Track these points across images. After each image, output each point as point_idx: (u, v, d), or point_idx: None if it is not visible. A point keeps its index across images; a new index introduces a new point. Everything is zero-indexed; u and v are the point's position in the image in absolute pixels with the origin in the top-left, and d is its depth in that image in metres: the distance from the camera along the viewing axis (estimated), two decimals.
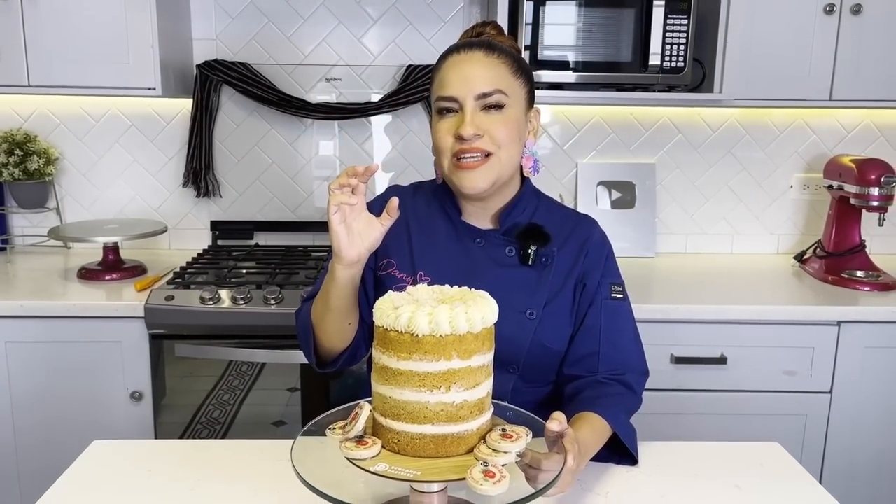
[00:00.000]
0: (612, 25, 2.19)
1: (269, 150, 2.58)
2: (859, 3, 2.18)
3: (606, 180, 2.60)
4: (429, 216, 1.35)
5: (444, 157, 1.26)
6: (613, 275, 1.35)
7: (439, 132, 1.25)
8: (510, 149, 1.25)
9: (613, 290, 1.33)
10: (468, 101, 1.22)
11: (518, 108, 1.27)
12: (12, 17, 2.13)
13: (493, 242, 1.31)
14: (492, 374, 0.94)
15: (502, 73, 1.25)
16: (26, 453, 2.04)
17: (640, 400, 1.31)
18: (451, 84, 1.24)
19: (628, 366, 1.30)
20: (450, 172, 1.26)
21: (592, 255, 1.33)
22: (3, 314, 1.99)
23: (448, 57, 1.27)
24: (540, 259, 1.29)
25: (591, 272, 1.32)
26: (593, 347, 1.29)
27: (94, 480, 1.14)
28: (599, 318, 1.30)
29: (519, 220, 1.32)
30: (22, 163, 2.39)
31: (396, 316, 0.87)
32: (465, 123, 1.21)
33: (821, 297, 2.16)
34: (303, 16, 2.50)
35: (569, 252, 1.32)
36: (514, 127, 1.25)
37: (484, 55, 1.25)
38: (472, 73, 1.23)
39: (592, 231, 1.36)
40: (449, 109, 1.25)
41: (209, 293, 2.00)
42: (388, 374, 0.88)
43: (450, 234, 1.33)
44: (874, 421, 2.10)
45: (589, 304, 1.30)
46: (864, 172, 2.23)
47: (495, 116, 1.23)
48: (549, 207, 1.38)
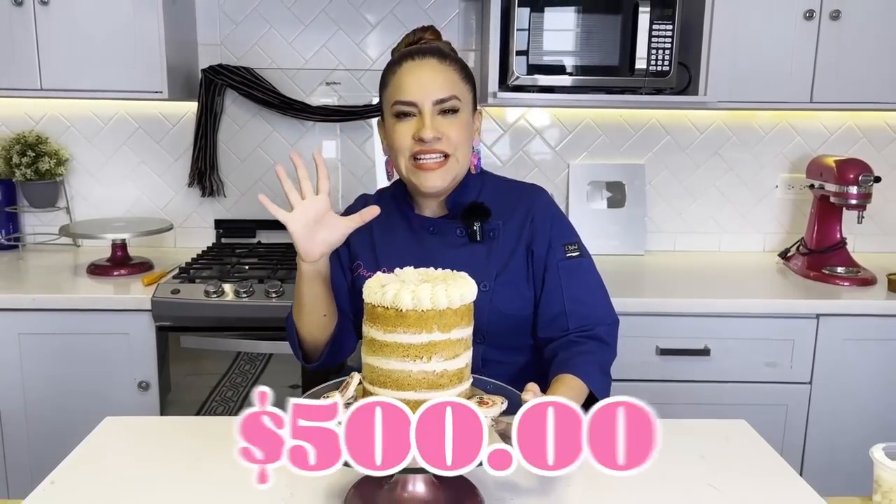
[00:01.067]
0: (601, 31, 2.28)
1: (272, 151, 2.67)
2: (838, 10, 2.27)
3: (597, 180, 2.69)
4: (388, 217, 1.41)
5: (401, 157, 1.34)
6: (565, 235, 1.42)
7: (397, 133, 1.33)
8: (464, 149, 1.35)
9: (567, 249, 1.40)
10: (426, 105, 1.31)
11: (467, 111, 1.37)
12: (26, 23, 2.23)
13: (443, 228, 1.41)
14: (471, 347, 1.02)
15: (454, 80, 1.34)
16: (38, 440, 2.13)
17: (614, 349, 1.38)
18: (409, 89, 1.31)
19: (596, 318, 1.37)
20: (408, 172, 1.35)
21: (538, 222, 1.40)
22: (16, 307, 2.08)
23: (403, 63, 1.35)
24: (487, 234, 1.38)
25: (537, 237, 1.39)
26: (558, 308, 1.36)
27: (106, 452, 1.23)
28: (558, 278, 1.37)
29: (464, 202, 1.40)
30: (34, 163, 2.48)
31: (383, 293, 0.96)
32: (426, 127, 1.30)
33: (802, 291, 2.24)
34: (304, 22, 2.60)
35: (515, 223, 1.40)
36: (467, 129, 1.35)
37: (437, 62, 1.34)
38: (428, 79, 1.32)
39: (536, 199, 1.43)
40: (407, 113, 1.33)
41: (213, 287, 2.09)
42: (376, 345, 0.97)
43: (406, 229, 1.44)
44: (852, 410, 2.17)
45: (544, 268, 1.38)
46: (843, 172, 2.31)
47: (451, 120, 1.33)
48: (495, 185, 1.46)
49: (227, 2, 2.57)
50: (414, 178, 1.35)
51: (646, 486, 1.13)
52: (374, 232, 1.43)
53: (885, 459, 1.16)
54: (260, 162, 2.67)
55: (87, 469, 1.17)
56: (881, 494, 1.17)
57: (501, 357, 1.38)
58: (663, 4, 2.23)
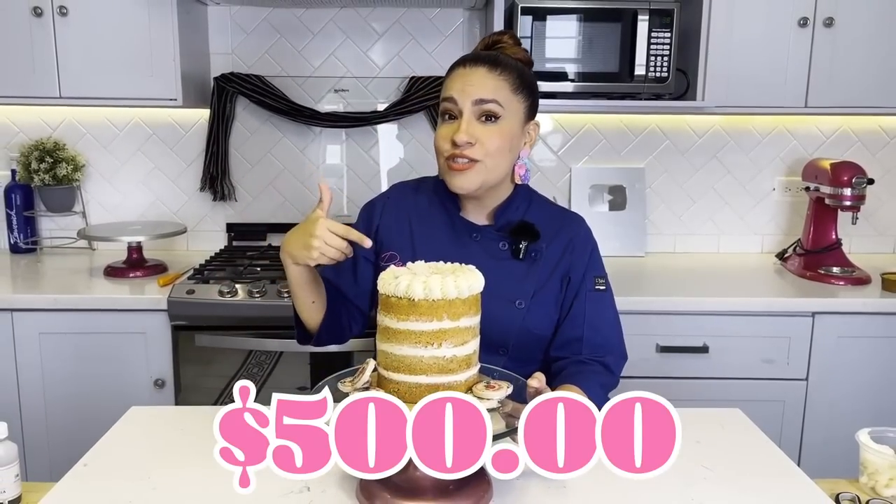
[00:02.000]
0: (601, 38, 2.35)
1: (281, 156, 2.75)
2: (831, 17, 2.34)
3: (599, 184, 2.76)
4: (429, 211, 1.48)
5: (440, 157, 1.39)
6: (597, 268, 1.48)
7: (439, 135, 1.38)
8: (498, 158, 1.36)
9: (597, 282, 1.47)
10: (466, 105, 1.33)
11: (514, 121, 1.37)
12: (45, 33, 2.31)
13: (487, 237, 1.44)
14: (478, 334, 1.09)
15: (502, 88, 1.35)
16: (57, 436, 2.20)
17: (617, 379, 1.45)
18: (453, 92, 1.35)
19: (608, 349, 1.44)
20: (443, 172, 1.40)
21: (578, 252, 1.46)
22: (37, 307, 2.15)
23: (455, 69, 1.39)
24: (530, 254, 1.42)
25: (575, 267, 1.45)
26: (577, 333, 1.43)
27: (133, 438, 1.30)
28: (584, 307, 1.44)
29: (512, 218, 1.45)
30: (52, 169, 2.56)
31: (396, 284, 1.03)
32: (461, 131, 1.33)
33: (798, 291, 2.30)
34: (312, 31, 2.68)
35: (556, 248, 1.45)
36: (506, 138, 1.36)
37: (487, 71, 1.35)
38: (471, 84, 1.34)
39: (579, 229, 1.49)
40: (450, 115, 1.37)
41: (227, 287, 2.16)
42: (389, 333, 1.04)
43: (448, 228, 1.46)
44: (848, 405, 2.23)
45: (574, 295, 1.45)
46: (837, 174, 2.38)
47: (490, 127, 1.34)
48: (540, 206, 1.50)
49: (239, 12, 2.65)
50: (446, 178, 1.39)
51: None
52: (412, 223, 1.47)
53: (870, 442, 1.23)
54: (270, 167, 2.75)
55: (117, 453, 1.24)
56: (867, 476, 1.24)
57: (516, 367, 1.44)
58: (662, 13, 2.31)
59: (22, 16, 2.29)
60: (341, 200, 2.77)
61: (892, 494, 1.19)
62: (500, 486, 1.12)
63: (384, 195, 1.55)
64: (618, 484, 1.14)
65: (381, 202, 1.53)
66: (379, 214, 1.51)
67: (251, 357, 2.21)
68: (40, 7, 2.28)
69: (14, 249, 2.68)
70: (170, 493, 1.11)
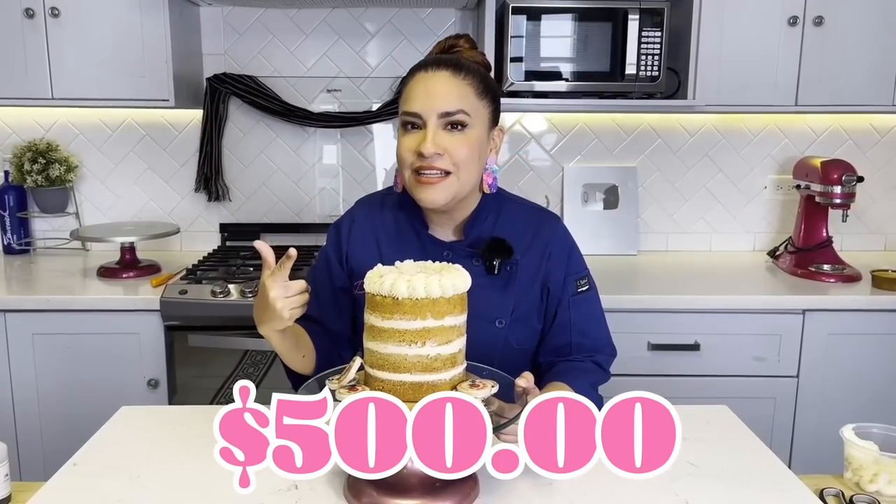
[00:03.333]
0: (593, 38, 2.36)
1: (275, 156, 2.75)
2: (821, 16, 2.35)
3: (591, 183, 2.77)
4: (396, 231, 1.41)
5: (405, 170, 1.30)
6: (577, 270, 1.42)
7: (402, 146, 1.29)
8: (468, 167, 1.29)
9: (578, 284, 1.42)
10: (431, 118, 1.26)
11: (480, 128, 1.30)
12: (37, 35, 2.32)
13: (459, 254, 1.36)
14: (464, 334, 1.10)
15: (467, 94, 1.28)
16: (50, 436, 2.21)
17: (608, 375, 1.44)
18: (417, 100, 1.27)
19: (598, 349, 1.43)
20: (410, 185, 1.31)
21: (555, 257, 1.40)
22: (30, 308, 2.16)
23: (416, 73, 1.31)
24: (505, 268, 1.35)
25: (553, 274, 1.39)
26: (565, 339, 1.41)
27: (123, 437, 1.31)
28: (569, 314, 1.40)
29: (482, 230, 1.38)
30: (44, 170, 2.57)
31: (381, 282, 1.04)
32: (427, 142, 1.25)
33: (789, 288, 2.32)
34: (305, 31, 2.68)
35: (533, 256, 1.39)
36: (474, 147, 1.29)
37: (451, 75, 1.28)
38: (436, 91, 1.26)
39: (554, 232, 1.42)
40: (413, 125, 1.28)
41: (220, 287, 2.17)
42: (375, 331, 1.05)
43: (417, 249, 1.38)
44: (838, 401, 2.25)
45: (557, 303, 1.39)
46: (827, 172, 2.39)
47: (457, 136, 1.27)
48: (511, 211, 1.42)
49: (231, 13, 2.66)
50: (415, 192, 1.30)
51: None
52: (380, 244, 1.41)
53: (854, 438, 1.24)
54: (263, 167, 2.76)
55: (107, 452, 1.25)
56: (852, 471, 1.24)
57: None
58: (652, 12, 2.32)
59: (14, 17, 2.30)
60: (337, 201, 2.78)
61: (876, 490, 1.20)
62: (486, 483, 1.13)
63: (349, 215, 1.47)
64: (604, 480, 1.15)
65: (348, 224, 1.45)
66: (346, 239, 1.44)
67: (247, 357, 2.22)
68: (32, 8, 2.29)
69: (7, 250, 2.69)
70: (159, 492, 1.12)
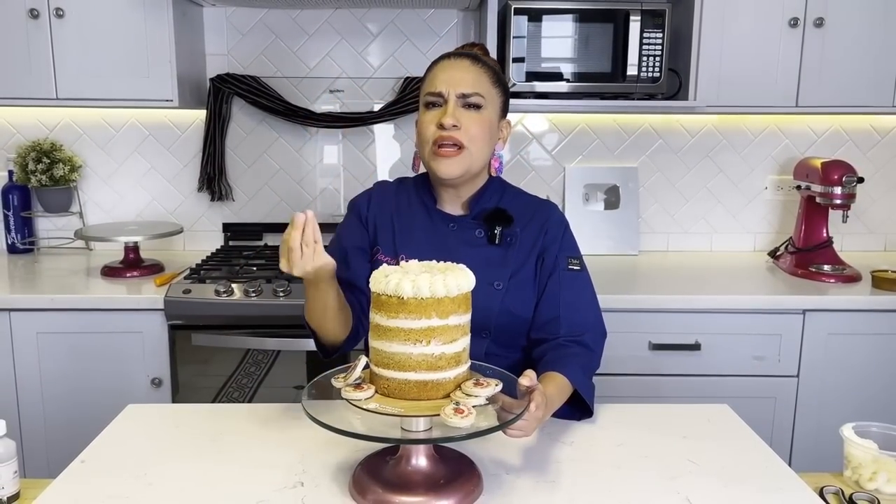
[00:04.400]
0: (594, 39, 2.37)
1: (277, 156, 2.77)
2: (822, 17, 2.36)
3: (592, 183, 2.78)
4: (409, 207, 1.54)
5: (425, 145, 1.44)
6: (570, 249, 1.53)
7: (424, 122, 1.44)
8: (480, 144, 1.43)
9: (570, 262, 1.51)
10: (451, 96, 1.41)
11: (492, 112, 1.46)
12: (41, 34, 2.33)
13: (464, 226, 1.50)
14: (468, 333, 1.11)
15: (483, 80, 1.45)
16: (54, 434, 2.22)
17: (598, 357, 1.48)
18: (439, 81, 1.43)
19: (586, 327, 1.47)
20: (429, 159, 1.44)
21: (551, 233, 1.51)
22: (34, 307, 2.17)
23: (439, 62, 1.48)
24: (505, 238, 1.48)
25: (549, 248, 1.50)
26: (554, 312, 1.47)
27: (130, 435, 1.32)
28: (558, 286, 1.48)
29: (486, 206, 1.51)
30: (49, 170, 2.58)
31: (386, 282, 1.05)
32: (447, 114, 1.40)
33: (789, 288, 2.33)
34: (308, 32, 2.69)
35: (531, 232, 1.50)
36: (486, 127, 1.44)
37: (470, 63, 1.45)
38: (457, 75, 1.43)
39: (552, 213, 1.55)
40: (435, 104, 1.44)
41: (223, 286, 2.18)
42: (380, 330, 1.06)
43: (427, 221, 1.52)
44: (838, 401, 2.26)
45: (548, 275, 1.49)
46: (827, 173, 2.40)
47: (473, 114, 1.42)
48: (513, 195, 1.57)
49: (234, 13, 2.67)
50: (432, 164, 1.43)
51: (631, 461, 1.23)
52: (393, 219, 1.53)
53: (854, 437, 1.25)
54: (266, 167, 2.77)
55: (114, 450, 1.26)
56: (851, 469, 1.26)
57: (500, 352, 1.47)
58: (654, 13, 2.33)
59: (18, 17, 2.31)
60: (338, 201, 2.79)
61: (875, 488, 1.22)
62: (489, 480, 1.14)
63: (368, 192, 1.60)
64: (604, 478, 1.17)
65: (367, 197, 1.58)
66: (366, 208, 1.56)
67: (248, 356, 2.23)
68: (37, 9, 2.30)
69: (11, 250, 2.70)
70: (166, 490, 1.13)
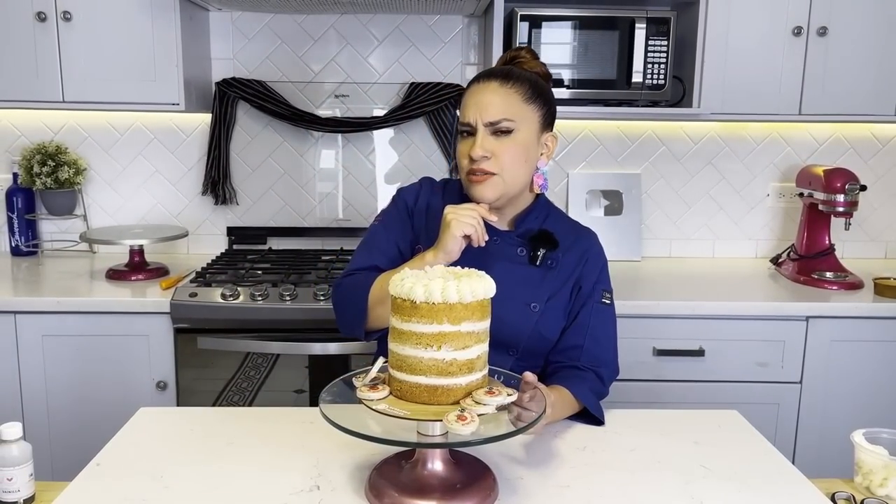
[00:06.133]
0: (599, 46, 2.38)
1: (282, 161, 2.77)
2: (825, 26, 2.38)
3: (595, 189, 2.79)
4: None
5: (462, 172, 1.46)
6: (606, 282, 1.55)
7: (459, 152, 1.46)
8: (514, 169, 1.43)
9: (604, 296, 1.53)
10: (479, 125, 1.41)
11: (528, 131, 1.44)
12: (48, 38, 2.33)
13: (507, 242, 1.50)
14: (483, 340, 1.11)
15: (513, 101, 1.42)
16: (59, 437, 2.22)
17: (607, 391, 1.51)
18: (468, 111, 1.43)
19: (604, 361, 1.50)
20: (466, 185, 1.47)
21: (591, 264, 1.53)
22: (40, 310, 2.17)
23: (470, 86, 1.47)
24: (546, 261, 1.48)
25: (587, 278, 1.51)
26: (579, 341, 1.49)
27: (144, 438, 1.33)
28: (589, 317, 1.50)
29: (531, 226, 1.51)
30: (53, 173, 2.58)
31: (402, 286, 1.06)
32: (476, 145, 1.41)
33: (792, 295, 2.34)
34: (313, 37, 2.70)
35: (572, 258, 1.51)
36: (520, 150, 1.43)
37: (499, 85, 1.43)
38: (483, 102, 1.42)
39: (593, 244, 1.57)
40: (468, 132, 1.44)
41: (229, 290, 2.18)
42: (395, 333, 1.07)
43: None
44: (841, 408, 2.27)
45: (582, 304, 1.51)
46: (830, 181, 2.41)
47: (503, 141, 1.41)
48: (557, 218, 1.57)
49: (240, 18, 2.68)
50: (470, 191, 1.45)
51: (644, 466, 1.23)
52: (438, 219, 1.51)
53: (864, 443, 1.26)
54: (271, 171, 2.77)
55: (129, 453, 1.26)
56: (862, 475, 1.27)
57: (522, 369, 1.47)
58: (659, 21, 2.34)
59: (26, 21, 2.31)
60: (336, 202, 2.80)
61: (885, 494, 1.23)
62: (505, 485, 1.15)
63: (416, 186, 1.60)
64: (619, 483, 1.18)
65: (415, 191, 1.59)
66: (414, 201, 1.57)
67: (248, 360, 2.23)
68: (44, 12, 2.30)
69: (15, 252, 2.70)
70: (183, 492, 1.13)
